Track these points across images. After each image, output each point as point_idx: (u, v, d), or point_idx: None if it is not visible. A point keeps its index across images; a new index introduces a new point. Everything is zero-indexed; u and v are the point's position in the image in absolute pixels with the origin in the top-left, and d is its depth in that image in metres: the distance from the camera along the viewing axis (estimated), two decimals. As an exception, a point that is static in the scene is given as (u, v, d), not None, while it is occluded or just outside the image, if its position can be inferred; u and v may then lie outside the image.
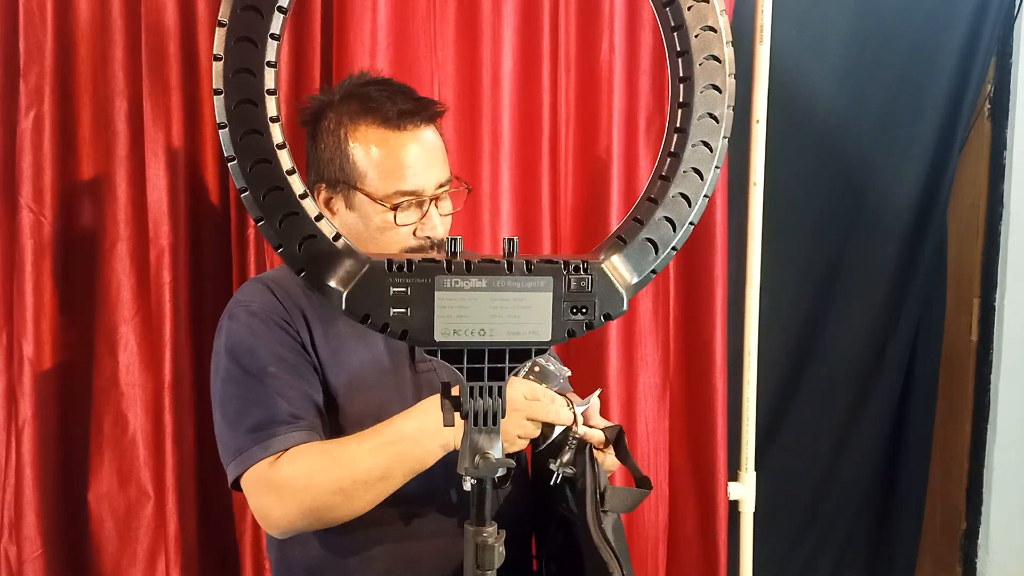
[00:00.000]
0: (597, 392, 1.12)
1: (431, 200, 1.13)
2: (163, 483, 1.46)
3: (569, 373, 1.13)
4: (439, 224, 1.14)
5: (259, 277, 1.20)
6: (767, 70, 1.68)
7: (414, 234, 1.12)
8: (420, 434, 1.01)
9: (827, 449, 2.11)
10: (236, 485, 1.08)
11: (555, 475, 1.02)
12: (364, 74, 1.19)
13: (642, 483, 1.07)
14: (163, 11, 1.41)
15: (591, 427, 1.07)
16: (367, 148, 1.11)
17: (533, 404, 1.02)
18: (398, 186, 1.10)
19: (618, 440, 1.09)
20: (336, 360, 1.12)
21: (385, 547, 1.10)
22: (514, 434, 1.02)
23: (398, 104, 1.11)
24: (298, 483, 1.01)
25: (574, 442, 1.04)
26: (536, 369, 1.09)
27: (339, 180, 1.13)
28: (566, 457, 1.03)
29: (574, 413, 1.05)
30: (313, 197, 1.13)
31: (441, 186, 1.14)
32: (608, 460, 1.09)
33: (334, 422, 1.11)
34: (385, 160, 1.10)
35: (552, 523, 1.14)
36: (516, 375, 1.06)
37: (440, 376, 1.17)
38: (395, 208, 1.10)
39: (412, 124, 1.11)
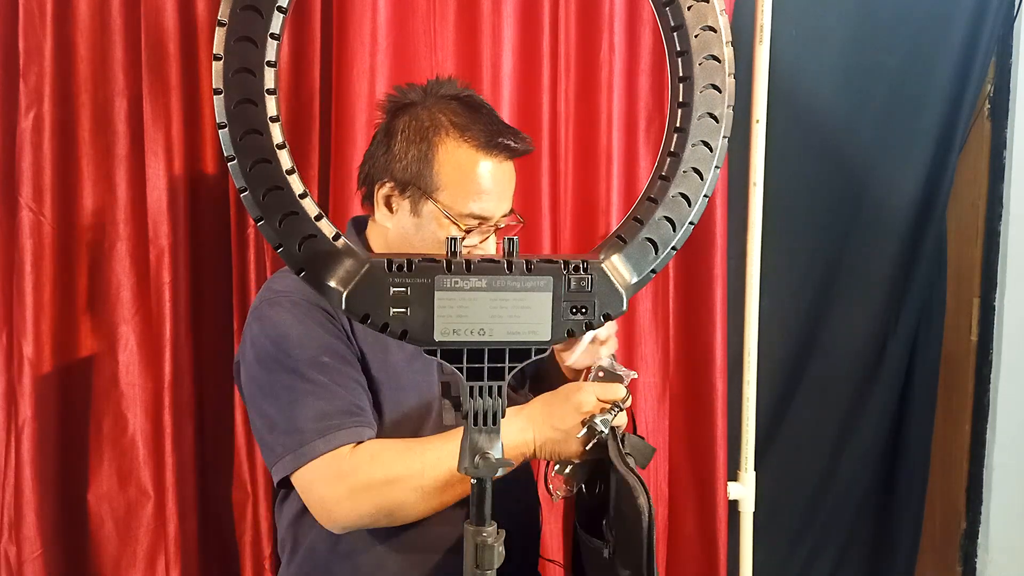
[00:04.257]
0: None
1: (495, 229, 1.14)
2: (163, 483, 1.46)
3: (635, 375, 1.15)
4: (493, 251, 1.14)
5: None
6: (767, 70, 1.68)
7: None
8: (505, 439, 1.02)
9: (827, 449, 2.10)
10: (285, 481, 1.05)
11: (598, 431, 1.04)
12: (452, 82, 1.16)
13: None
14: (163, 11, 1.41)
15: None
16: (455, 163, 1.09)
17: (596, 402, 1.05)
18: (472, 208, 1.10)
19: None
20: (374, 354, 1.11)
21: (401, 556, 1.10)
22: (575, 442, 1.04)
23: (497, 134, 1.10)
24: (377, 478, 1.00)
25: (617, 409, 1.06)
26: (601, 375, 1.12)
27: (412, 184, 1.10)
28: (611, 417, 1.05)
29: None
30: (371, 191, 1.15)
31: (504, 216, 1.15)
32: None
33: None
34: (469, 181, 1.09)
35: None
36: (586, 379, 1.13)
37: None
38: (468, 231, 1.10)
39: (504, 156, 1.12)
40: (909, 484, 2.12)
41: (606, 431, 1.03)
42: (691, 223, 0.60)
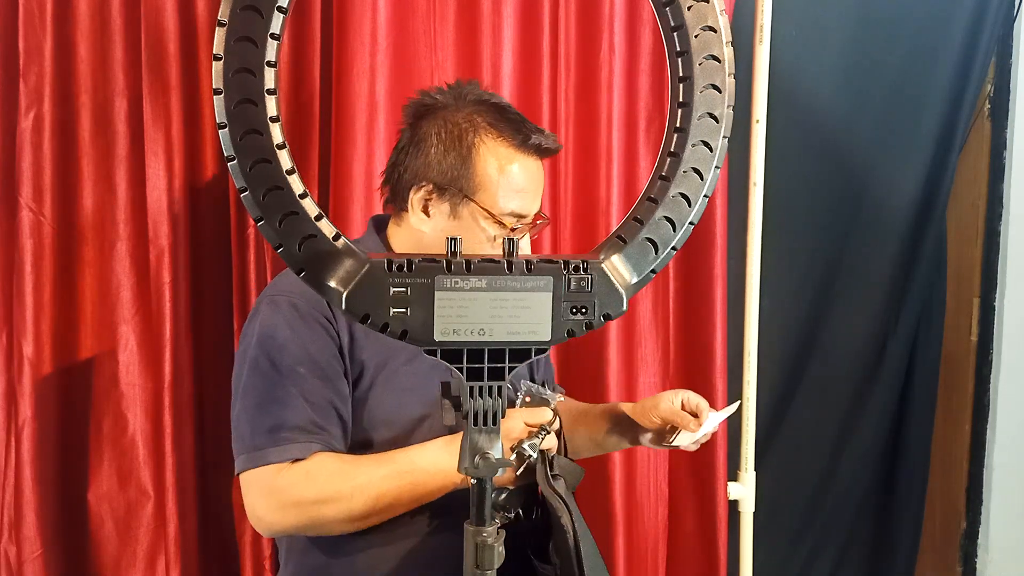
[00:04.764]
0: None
1: (531, 226, 1.16)
2: (163, 483, 1.46)
3: (561, 398, 1.16)
4: (528, 251, 1.16)
5: None
6: (767, 70, 1.68)
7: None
8: (433, 468, 1.04)
9: (827, 449, 2.11)
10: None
11: (527, 456, 1.06)
12: (475, 84, 1.18)
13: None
14: (163, 11, 1.41)
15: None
16: (495, 164, 1.11)
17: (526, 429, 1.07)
18: (512, 207, 1.12)
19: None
20: (376, 361, 1.11)
21: (395, 546, 1.11)
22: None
23: (530, 133, 1.13)
24: (307, 497, 1.03)
25: (544, 432, 1.08)
26: (527, 399, 1.14)
27: (451, 186, 1.12)
28: (538, 440, 1.07)
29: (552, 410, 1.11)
30: (403, 195, 1.14)
31: (535, 214, 1.17)
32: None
33: (360, 420, 1.11)
34: (508, 180, 1.11)
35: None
36: (512, 406, 1.14)
37: None
38: (514, 230, 1.13)
39: (537, 155, 1.15)
40: (909, 484, 2.12)
41: (535, 455, 1.04)
42: (691, 223, 0.60)
